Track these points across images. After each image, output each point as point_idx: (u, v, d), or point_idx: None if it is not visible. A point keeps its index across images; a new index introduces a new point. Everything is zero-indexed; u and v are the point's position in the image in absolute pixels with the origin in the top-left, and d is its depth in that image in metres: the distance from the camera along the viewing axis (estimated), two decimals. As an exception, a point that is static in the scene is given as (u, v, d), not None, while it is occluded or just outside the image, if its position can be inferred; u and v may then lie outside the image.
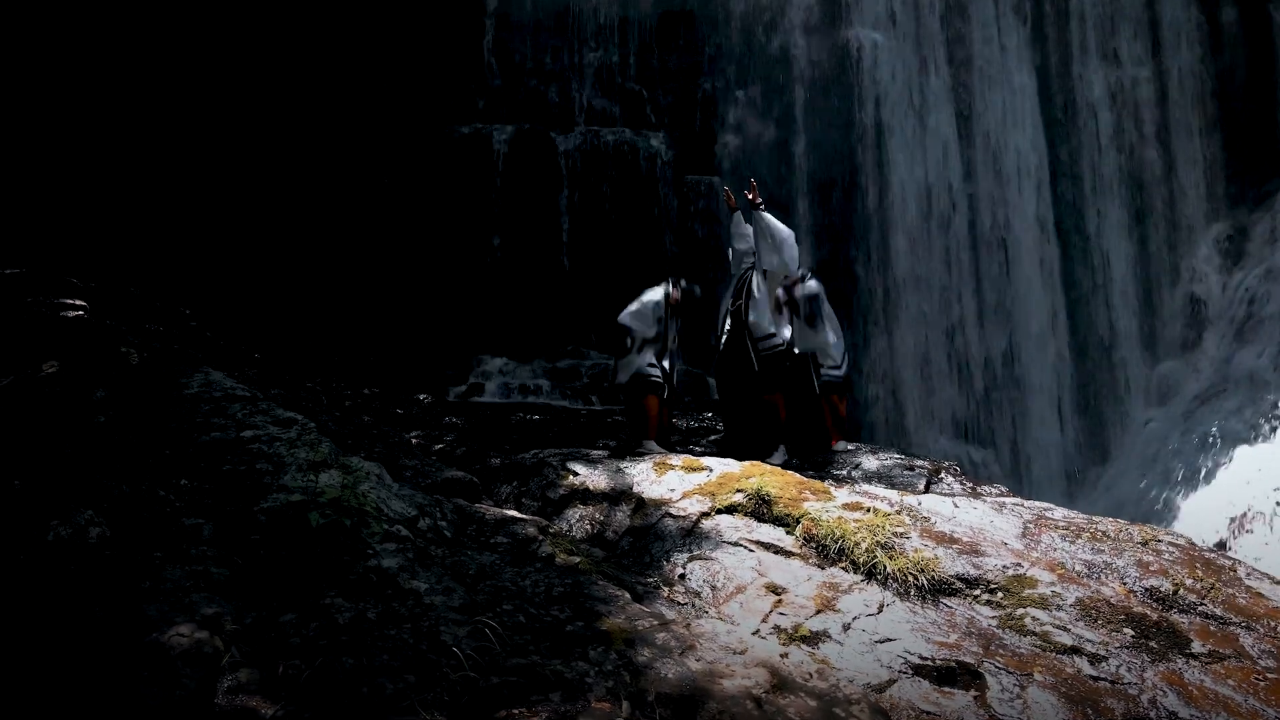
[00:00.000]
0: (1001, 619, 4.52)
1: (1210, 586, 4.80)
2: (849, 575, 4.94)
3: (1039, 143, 15.32)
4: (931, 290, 14.54)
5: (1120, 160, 15.45)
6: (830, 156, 14.90)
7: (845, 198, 14.80)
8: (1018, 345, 14.77)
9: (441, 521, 4.29)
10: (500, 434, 8.36)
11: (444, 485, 5.23)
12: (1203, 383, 13.80)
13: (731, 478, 6.14)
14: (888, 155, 14.88)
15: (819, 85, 15.03)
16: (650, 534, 5.52)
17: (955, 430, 14.39)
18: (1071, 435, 14.51)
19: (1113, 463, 14.07)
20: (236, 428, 4.45)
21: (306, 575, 3.19)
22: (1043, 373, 14.70)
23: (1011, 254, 14.98)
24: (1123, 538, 5.45)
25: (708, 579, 4.91)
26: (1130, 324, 14.92)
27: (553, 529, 5.18)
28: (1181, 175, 15.53)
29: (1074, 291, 15.10)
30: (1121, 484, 13.33)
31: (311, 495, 3.50)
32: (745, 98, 14.93)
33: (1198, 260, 15.11)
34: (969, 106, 15.24)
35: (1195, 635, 4.27)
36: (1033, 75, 15.46)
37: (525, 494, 6.13)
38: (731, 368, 7.52)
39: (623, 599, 3.96)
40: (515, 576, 4.00)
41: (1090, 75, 15.52)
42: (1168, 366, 14.53)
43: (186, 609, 2.64)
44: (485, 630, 3.19)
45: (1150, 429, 13.90)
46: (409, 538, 3.77)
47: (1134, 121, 15.57)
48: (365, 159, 13.57)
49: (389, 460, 5.19)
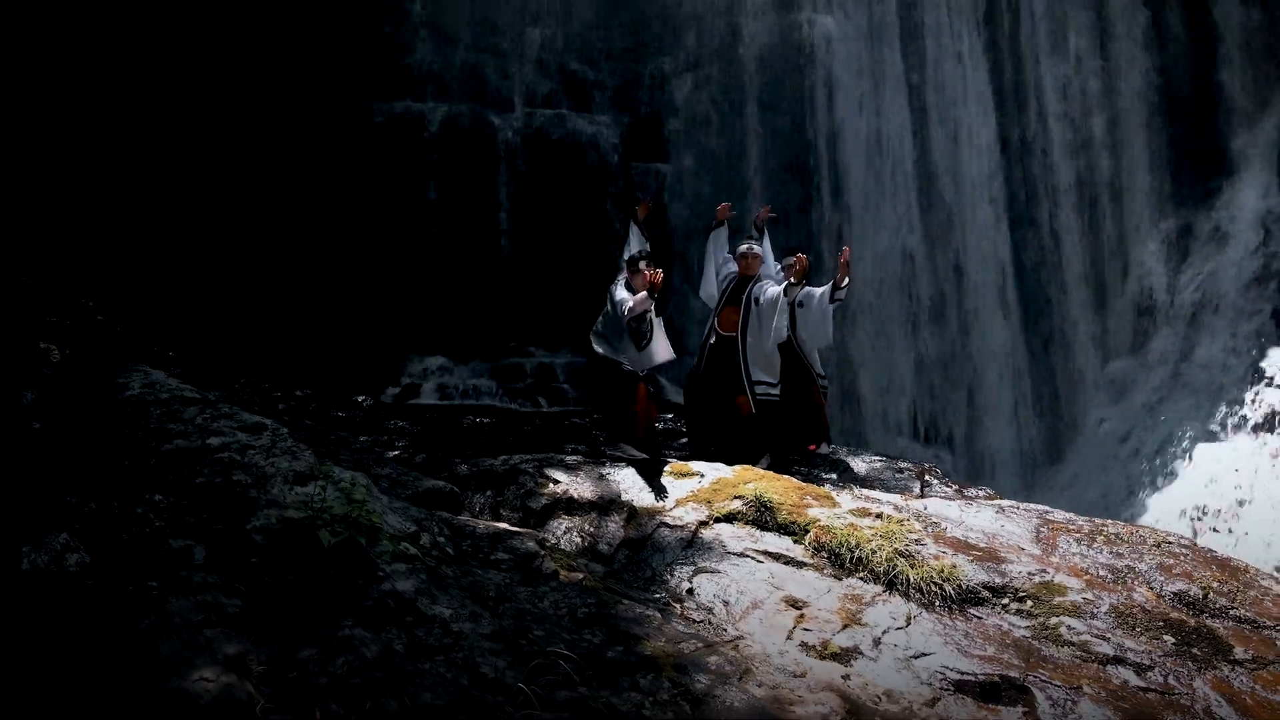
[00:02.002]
0: (1035, 629, 4.50)
1: (1236, 590, 4.88)
2: (869, 586, 4.86)
3: (991, 140, 15.69)
4: (889, 291, 14.75)
5: (1071, 157, 15.94)
6: (784, 144, 14.96)
7: (800, 187, 14.87)
8: (973, 345, 15.10)
9: (440, 538, 4.05)
10: (454, 439, 8.07)
11: (425, 496, 4.97)
12: (1155, 381, 14.34)
13: (726, 484, 6.02)
14: (842, 143, 15.02)
15: (771, 69, 15.07)
16: (647, 546, 5.36)
17: (913, 431, 14.63)
18: (1027, 435, 14.91)
19: (1068, 463, 14.51)
20: (200, 434, 4.11)
21: (319, 602, 2.93)
22: (998, 372, 15.06)
23: (966, 252, 15.29)
24: (1135, 540, 5.53)
25: (718, 594, 4.77)
26: (1082, 322, 15.42)
27: (549, 543, 4.97)
28: (1129, 173, 16.11)
29: (1027, 290, 15.52)
30: (1080, 484, 13.76)
31: (315, 512, 3.22)
32: (695, 81, 14.86)
33: (1147, 258, 15.70)
34: (922, 98, 15.51)
35: (1235, 641, 4.32)
36: (985, 70, 15.81)
37: (503, 504, 5.88)
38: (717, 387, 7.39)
39: (654, 619, 3.78)
40: (532, 597, 3.79)
41: (1042, 71, 15.98)
42: (1120, 365, 15.06)
43: (204, 648, 2.36)
44: (526, 662, 2.99)
45: (1105, 428, 14.38)
46: (418, 556, 3.53)
47: (1084, 118, 16.09)
48: (282, 140, 13.00)
49: (363, 469, 4.90)
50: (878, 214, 15.14)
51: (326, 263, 12.83)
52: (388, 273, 12.97)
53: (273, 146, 12.90)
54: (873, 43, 15.55)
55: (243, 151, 12.77)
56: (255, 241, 12.62)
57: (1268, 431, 12.22)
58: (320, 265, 12.80)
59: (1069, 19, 16.33)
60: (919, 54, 15.66)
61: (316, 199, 12.97)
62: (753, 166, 14.88)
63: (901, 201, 15.20)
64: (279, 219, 12.83)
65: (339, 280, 12.74)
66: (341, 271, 12.79)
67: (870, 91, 15.37)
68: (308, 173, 13.00)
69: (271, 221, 12.80)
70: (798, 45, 15.30)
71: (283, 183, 12.87)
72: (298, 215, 12.90)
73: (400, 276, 13.00)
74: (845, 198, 14.98)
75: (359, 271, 12.85)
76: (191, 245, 12.29)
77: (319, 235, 12.87)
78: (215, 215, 12.53)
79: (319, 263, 12.81)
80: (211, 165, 12.63)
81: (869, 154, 15.23)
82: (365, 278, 12.85)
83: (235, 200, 12.69)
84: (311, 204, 12.95)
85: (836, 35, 15.39)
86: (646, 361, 6.76)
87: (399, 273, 13.01)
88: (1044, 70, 16.08)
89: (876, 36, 15.61)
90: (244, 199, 12.72)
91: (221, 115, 12.76)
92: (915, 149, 15.44)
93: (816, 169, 15.03)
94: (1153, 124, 16.30)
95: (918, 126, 15.49)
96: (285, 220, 12.84)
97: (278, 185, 12.86)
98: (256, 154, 12.80)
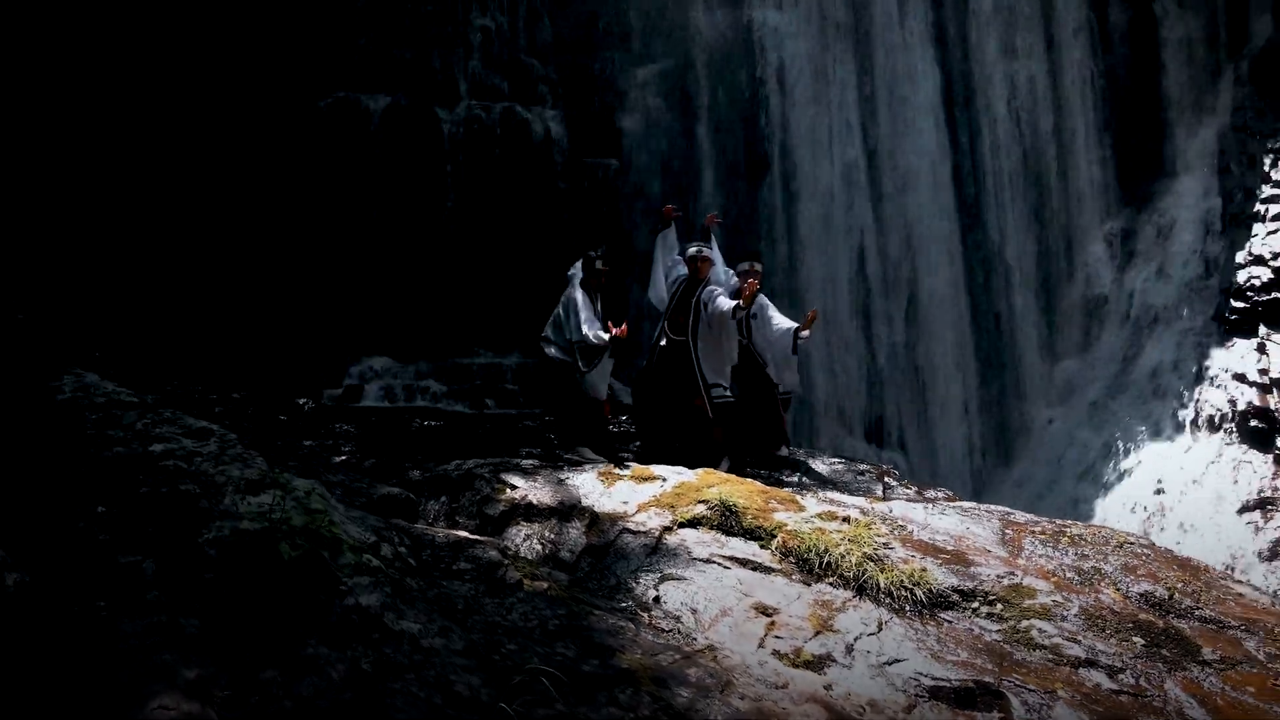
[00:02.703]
0: (1007, 632, 4.54)
1: (1199, 591, 4.99)
2: (839, 591, 4.86)
3: (942, 139, 15.93)
4: (838, 288, 14.89)
5: (1019, 156, 16.27)
6: (735, 139, 15.01)
7: (750, 185, 14.93)
8: (923, 344, 15.32)
9: (401, 548, 3.93)
10: (403, 443, 7.91)
11: (381, 504, 4.83)
12: (1103, 381, 14.71)
13: (690, 488, 5.98)
14: (791, 141, 15.13)
15: (721, 64, 15.11)
16: (611, 553, 5.29)
17: (864, 431, 14.79)
18: (977, 436, 15.18)
19: (1017, 463, 14.81)
20: (141, 441, 3.94)
21: (280, 619, 2.81)
22: (948, 373, 15.31)
23: (917, 251, 15.51)
24: (1099, 541, 5.62)
25: (686, 601, 4.72)
26: (1031, 323, 15.75)
27: (511, 551, 4.88)
28: (1075, 173, 16.50)
29: (977, 289, 15.79)
30: (1029, 484, 14.05)
31: (273, 523, 3.09)
32: (645, 76, 14.83)
33: (1092, 259, 16.10)
34: (872, 94, 15.69)
35: (1203, 642, 4.41)
36: (935, 66, 16.05)
37: (459, 510, 5.76)
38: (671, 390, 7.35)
39: (628, 630, 3.72)
40: (500, 609, 3.70)
41: (990, 69, 16.27)
42: (1068, 365, 15.42)
43: (163, 673, 2.23)
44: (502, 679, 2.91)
45: (1054, 429, 14.71)
46: (380, 568, 3.42)
47: (1031, 118, 16.42)
48: (216, 132, 12.61)
49: (315, 477, 4.75)
50: (828, 210, 15.27)
51: (262, 260, 12.50)
52: (328, 270, 12.67)
53: (206, 139, 12.51)
54: (823, 37, 15.68)
55: (172, 145, 12.37)
56: (183, 238, 12.23)
57: (1212, 430, 12.61)
58: (256, 262, 12.46)
59: (1016, 17, 16.65)
60: (868, 49, 15.84)
61: (252, 193, 12.62)
62: (704, 162, 14.89)
63: (852, 198, 15.34)
64: (210, 215, 12.45)
65: (277, 278, 12.42)
66: (279, 269, 12.47)
67: (820, 86, 15.50)
68: (243, 166, 12.64)
69: (202, 218, 12.41)
70: (748, 39, 15.36)
71: (215, 177, 12.49)
72: (231, 210, 12.53)
73: (342, 274, 12.72)
74: (796, 193, 15.09)
75: (298, 269, 12.54)
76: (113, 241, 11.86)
77: (254, 231, 12.53)
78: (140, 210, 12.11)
79: (254, 260, 12.47)
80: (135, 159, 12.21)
81: (819, 149, 15.35)
82: (304, 275, 12.54)
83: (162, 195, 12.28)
84: (246, 198, 12.60)
85: (786, 30, 15.50)
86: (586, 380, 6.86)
87: (340, 270, 12.72)
88: (992, 68, 16.37)
89: (826, 31, 15.75)
90: (172, 194, 12.32)
91: (150, 108, 12.34)
92: (865, 145, 15.61)
93: (767, 164, 15.10)
94: (1098, 125, 16.71)
95: (867, 122, 15.66)
96: (217, 216, 12.47)
97: (210, 179, 12.48)
98: (187, 147, 12.41)
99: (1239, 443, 12.11)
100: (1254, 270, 13.40)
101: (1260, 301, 13.04)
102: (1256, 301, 13.10)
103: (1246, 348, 12.92)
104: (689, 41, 15.15)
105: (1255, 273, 13.34)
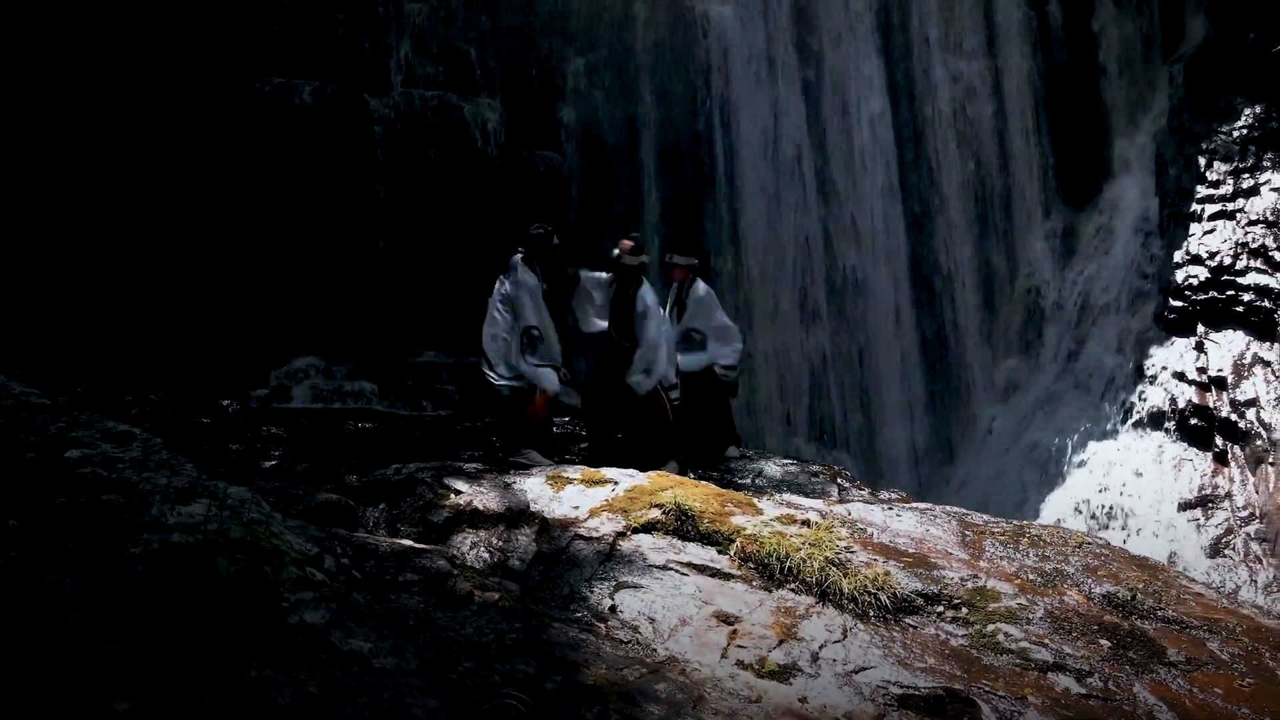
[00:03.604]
0: (973, 637, 4.54)
1: (1160, 591, 5.06)
2: (801, 597, 4.81)
3: (886, 134, 16.09)
4: (783, 282, 14.93)
5: (963, 153, 16.51)
6: (677, 132, 14.94)
7: (694, 178, 14.89)
8: (868, 343, 15.45)
9: (344, 559, 3.76)
10: (336, 446, 7.66)
11: (319, 511, 4.64)
12: (1046, 380, 15.02)
13: (642, 491, 5.88)
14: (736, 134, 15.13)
15: (664, 54, 15.02)
16: (562, 560, 5.17)
17: (809, 431, 14.86)
18: (921, 435, 15.37)
19: (961, 462, 15.04)
20: (55, 446, 3.70)
21: (219, 641, 2.64)
22: (892, 372, 15.46)
23: (861, 249, 15.65)
24: (1058, 542, 5.68)
25: (644, 610, 4.62)
26: (974, 321, 15.99)
27: (459, 560, 4.72)
28: (1018, 171, 16.81)
29: (921, 287, 15.98)
30: (973, 484, 14.27)
31: (208, 535, 2.91)
32: (587, 65, 14.67)
33: (1034, 257, 16.42)
34: (817, 87, 15.77)
35: (1168, 643, 4.46)
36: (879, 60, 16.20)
37: (400, 518, 5.58)
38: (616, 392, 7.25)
39: (590, 643, 3.61)
40: (452, 623, 3.56)
41: (934, 64, 16.48)
42: (1011, 364, 15.70)
43: (90, 705, 2.05)
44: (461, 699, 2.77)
45: (997, 428, 14.97)
46: (325, 582, 3.25)
47: (974, 113, 16.69)
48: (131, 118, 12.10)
49: (247, 483, 4.53)
50: (771, 206, 15.30)
51: (182, 252, 12.03)
52: (254, 264, 12.24)
53: (118, 126, 12.00)
54: (767, 28, 15.70)
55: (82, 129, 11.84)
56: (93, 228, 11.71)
57: (1154, 429, 12.95)
58: (175, 255, 11.99)
59: (957, 12, 16.90)
60: (814, 41, 15.92)
61: (171, 182, 12.14)
62: (647, 155, 14.80)
63: (795, 193, 15.40)
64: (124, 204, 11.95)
65: (199, 271, 11.96)
66: (201, 262, 12.01)
67: (765, 79, 15.53)
68: (160, 154, 12.15)
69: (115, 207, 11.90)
70: (691, 30, 15.32)
71: (130, 166, 11.99)
72: (148, 200, 12.04)
73: (268, 268, 12.30)
74: (739, 187, 15.09)
75: (221, 262, 12.09)
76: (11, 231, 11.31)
77: (173, 222, 12.06)
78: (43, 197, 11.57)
79: (173, 252, 12.00)
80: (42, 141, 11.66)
81: (763, 143, 15.38)
82: (229, 269, 12.10)
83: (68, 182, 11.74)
84: (165, 188, 12.12)
85: (730, 21, 15.49)
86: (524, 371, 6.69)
87: (267, 264, 12.30)
88: (936, 63, 16.58)
89: (770, 22, 15.78)
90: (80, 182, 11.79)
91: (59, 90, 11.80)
92: (811, 140, 15.68)
93: (710, 157, 15.08)
94: (1039, 124, 17.05)
95: (812, 118, 15.74)
96: (132, 205, 11.97)
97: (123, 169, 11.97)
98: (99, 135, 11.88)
99: (1180, 440, 12.46)
100: (1192, 270, 13.78)
101: (1198, 301, 13.43)
102: (1194, 301, 13.48)
103: (1185, 346, 13.30)
104: (631, 30, 15.04)
105: (1193, 272, 13.73)
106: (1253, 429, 11.57)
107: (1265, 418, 11.51)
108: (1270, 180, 13.84)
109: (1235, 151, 14.42)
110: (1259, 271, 13.03)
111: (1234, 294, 13.06)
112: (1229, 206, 14.00)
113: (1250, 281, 12.95)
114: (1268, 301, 12.63)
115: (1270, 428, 11.37)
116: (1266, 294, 12.68)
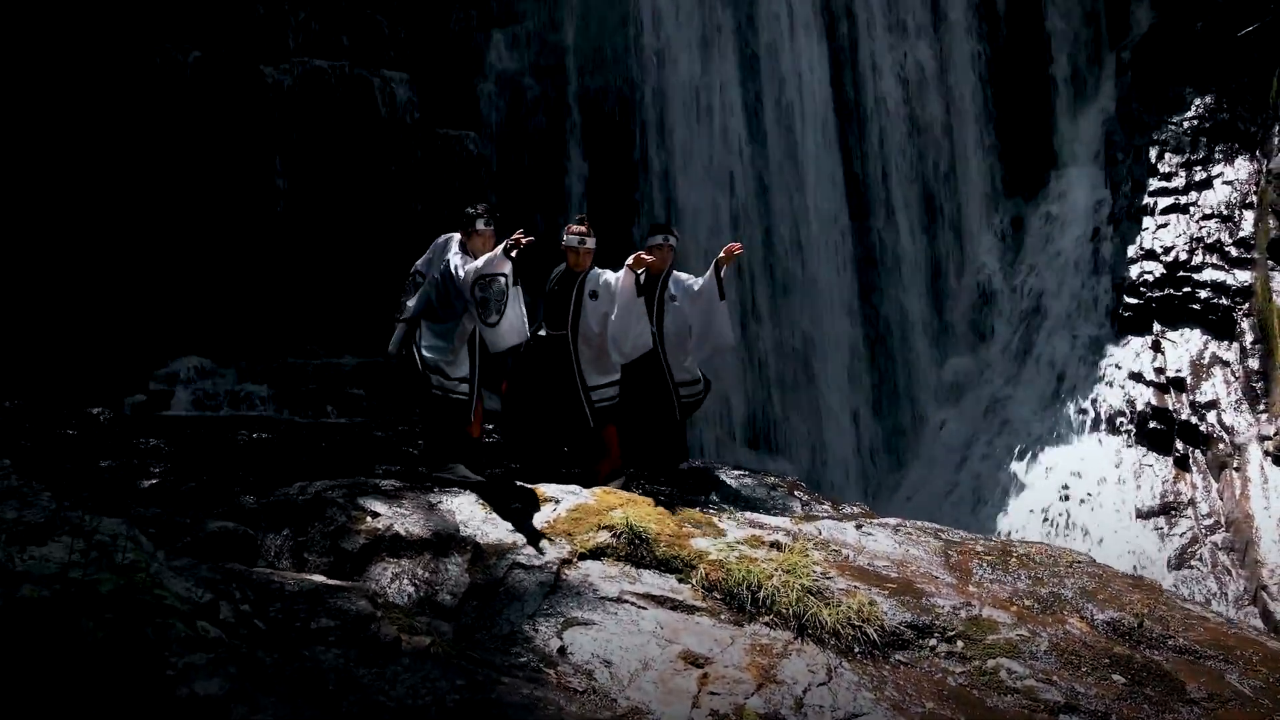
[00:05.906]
0: (972, 674, 4.26)
1: (1165, 616, 4.87)
2: (777, 633, 4.49)
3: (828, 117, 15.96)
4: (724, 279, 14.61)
5: (907, 142, 16.48)
6: (605, 111, 14.55)
7: (624, 156, 14.50)
8: (810, 343, 15.27)
9: (244, 606, 3.29)
10: (229, 462, 7.07)
11: (211, 543, 4.14)
12: (997, 381, 15.05)
13: (588, 510, 5.50)
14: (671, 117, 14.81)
15: (593, 25, 14.62)
16: (500, 594, 4.75)
17: (746, 438, 14.61)
18: (867, 439, 15.26)
19: (911, 468, 14.95)
20: (-126, 472, 3.15)
21: (84, 730, 2.17)
22: (836, 371, 15.31)
23: (802, 240, 15.46)
24: (1048, 562, 5.47)
25: (598, 652, 4.25)
26: (920, 318, 15.95)
27: (381, 599, 4.26)
28: (965, 162, 16.85)
29: (865, 284, 15.87)
30: (924, 490, 14.19)
31: (70, 586, 2.42)
32: (509, 37, 14.18)
33: (982, 251, 16.48)
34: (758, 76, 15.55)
35: (1185, 677, 4.25)
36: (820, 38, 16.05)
37: (308, 545, 5.08)
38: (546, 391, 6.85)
39: (546, 702, 3.20)
40: (379, 681, 3.12)
41: (877, 45, 16.41)
42: (960, 363, 15.70)
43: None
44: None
45: (948, 430, 14.94)
46: (221, 640, 2.79)
47: (920, 101, 16.67)
48: None
49: (121, 513, 4.00)
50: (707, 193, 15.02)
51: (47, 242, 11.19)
52: (132, 252, 11.43)
53: None
54: (703, 8, 15.43)
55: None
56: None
57: (1111, 433, 13.03)
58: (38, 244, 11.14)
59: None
60: (754, 22, 15.70)
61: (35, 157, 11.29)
62: (572, 136, 14.38)
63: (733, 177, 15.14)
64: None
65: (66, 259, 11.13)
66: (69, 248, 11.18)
67: (700, 53, 15.23)
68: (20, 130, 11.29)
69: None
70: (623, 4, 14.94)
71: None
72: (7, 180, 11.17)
73: (148, 257, 11.49)
74: (674, 173, 14.78)
75: (94, 248, 11.27)
76: None
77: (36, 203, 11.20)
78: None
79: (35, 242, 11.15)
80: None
81: (700, 128, 15.10)
82: (102, 256, 11.28)
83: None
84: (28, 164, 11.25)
85: (664, 2, 15.18)
86: (494, 342, 6.01)
87: (146, 252, 11.50)
88: (879, 45, 16.52)
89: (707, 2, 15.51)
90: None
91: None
92: (749, 127, 15.45)
93: (642, 136, 14.73)
94: (987, 111, 17.13)
95: (751, 102, 15.51)
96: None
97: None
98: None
99: (1139, 445, 12.55)
100: (1146, 265, 13.94)
101: (1154, 298, 13.58)
102: (1150, 298, 13.63)
103: (1142, 345, 13.43)
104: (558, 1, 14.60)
105: (1147, 268, 13.88)
106: (1214, 432, 11.69)
107: (1226, 420, 11.65)
108: (1223, 173, 14.08)
109: (1186, 143, 14.66)
110: (1214, 268, 13.22)
111: (1190, 290, 13.23)
112: (1182, 200, 14.21)
113: (1207, 278, 13.13)
114: (1225, 299, 12.82)
115: (1232, 431, 11.50)
116: (1224, 291, 12.87)
